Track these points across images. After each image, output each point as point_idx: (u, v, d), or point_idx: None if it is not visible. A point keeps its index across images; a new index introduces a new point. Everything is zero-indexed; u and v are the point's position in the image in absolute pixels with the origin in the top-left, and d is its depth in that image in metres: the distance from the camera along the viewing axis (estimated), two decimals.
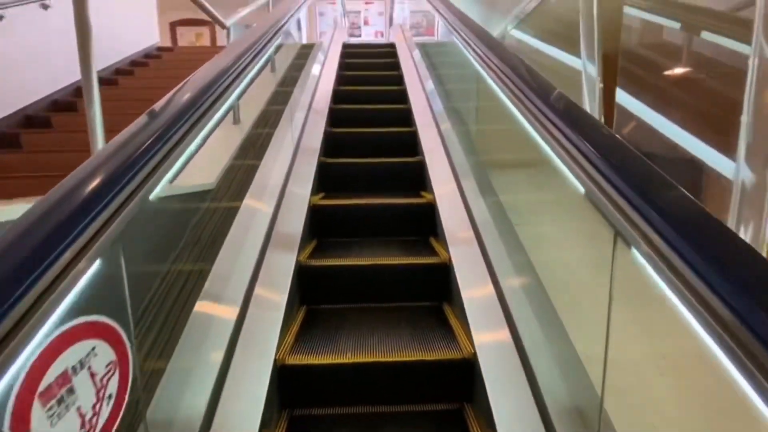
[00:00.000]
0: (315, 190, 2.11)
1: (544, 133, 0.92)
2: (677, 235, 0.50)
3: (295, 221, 1.76)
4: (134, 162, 0.69)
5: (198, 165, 1.16)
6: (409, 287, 1.61)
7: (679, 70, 1.89)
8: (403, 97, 3.20)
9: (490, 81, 1.42)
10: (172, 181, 0.92)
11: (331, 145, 2.68)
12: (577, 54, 1.15)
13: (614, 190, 0.63)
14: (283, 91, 3.02)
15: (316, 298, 1.57)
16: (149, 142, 0.75)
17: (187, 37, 10.87)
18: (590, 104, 1.09)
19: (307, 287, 1.56)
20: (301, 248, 1.64)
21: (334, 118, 2.98)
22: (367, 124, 2.86)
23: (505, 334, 1.19)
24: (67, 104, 3.37)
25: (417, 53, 3.88)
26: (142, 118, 0.86)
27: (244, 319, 1.23)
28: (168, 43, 10.97)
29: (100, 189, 0.60)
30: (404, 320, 1.43)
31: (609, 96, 1.04)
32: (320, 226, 1.93)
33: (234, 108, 2.32)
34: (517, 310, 1.21)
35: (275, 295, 1.37)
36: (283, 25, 2.45)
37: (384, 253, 1.74)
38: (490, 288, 1.36)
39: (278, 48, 2.74)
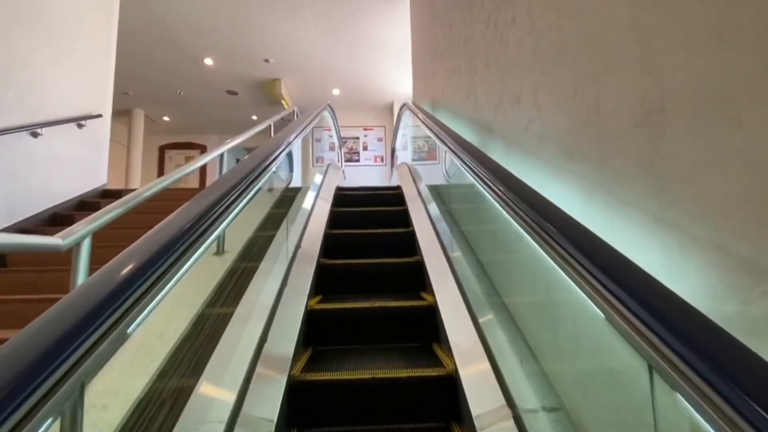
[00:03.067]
0: None
1: None
2: None
3: None
4: None
5: None
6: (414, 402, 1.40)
7: None
8: (420, 273, 1.97)
9: None
10: None
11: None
12: None
13: None
14: (241, 270, 1.86)
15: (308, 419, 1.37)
16: None
17: (176, 160, 10.32)
18: None
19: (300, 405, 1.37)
20: None
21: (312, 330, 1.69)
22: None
23: None
24: None
25: (433, 207, 2.77)
26: None
27: None
28: (155, 168, 10.40)
29: None
30: None
31: None
32: None
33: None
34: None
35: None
36: (231, 202, 1.30)
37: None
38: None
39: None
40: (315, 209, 2.85)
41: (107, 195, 4.18)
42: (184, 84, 7.39)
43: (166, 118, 9.17)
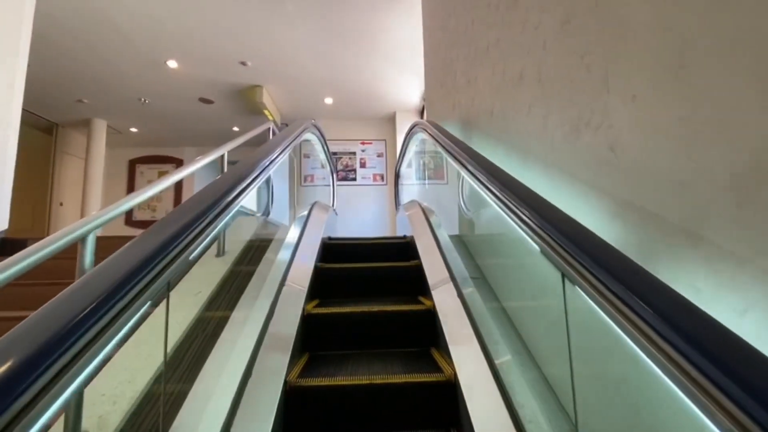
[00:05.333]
0: None
1: None
2: None
3: None
4: None
5: None
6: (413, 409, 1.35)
7: None
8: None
9: None
10: None
11: None
12: None
13: None
14: None
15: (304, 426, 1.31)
16: None
17: (148, 175, 9.11)
18: None
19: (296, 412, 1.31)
20: None
21: None
22: None
23: None
24: None
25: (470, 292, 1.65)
26: None
27: None
28: (123, 184, 9.15)
29: None
30: None
31: None
32: None
33: None
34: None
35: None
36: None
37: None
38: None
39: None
40: (276, 314, 1.68)
41: (5, 248, 3.00)
42: (147, 91, 6.22)
43: (133, 129, 7.98)
